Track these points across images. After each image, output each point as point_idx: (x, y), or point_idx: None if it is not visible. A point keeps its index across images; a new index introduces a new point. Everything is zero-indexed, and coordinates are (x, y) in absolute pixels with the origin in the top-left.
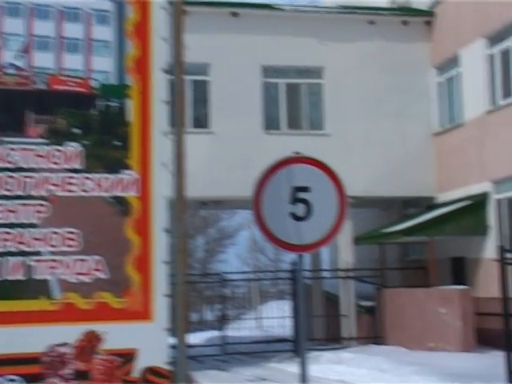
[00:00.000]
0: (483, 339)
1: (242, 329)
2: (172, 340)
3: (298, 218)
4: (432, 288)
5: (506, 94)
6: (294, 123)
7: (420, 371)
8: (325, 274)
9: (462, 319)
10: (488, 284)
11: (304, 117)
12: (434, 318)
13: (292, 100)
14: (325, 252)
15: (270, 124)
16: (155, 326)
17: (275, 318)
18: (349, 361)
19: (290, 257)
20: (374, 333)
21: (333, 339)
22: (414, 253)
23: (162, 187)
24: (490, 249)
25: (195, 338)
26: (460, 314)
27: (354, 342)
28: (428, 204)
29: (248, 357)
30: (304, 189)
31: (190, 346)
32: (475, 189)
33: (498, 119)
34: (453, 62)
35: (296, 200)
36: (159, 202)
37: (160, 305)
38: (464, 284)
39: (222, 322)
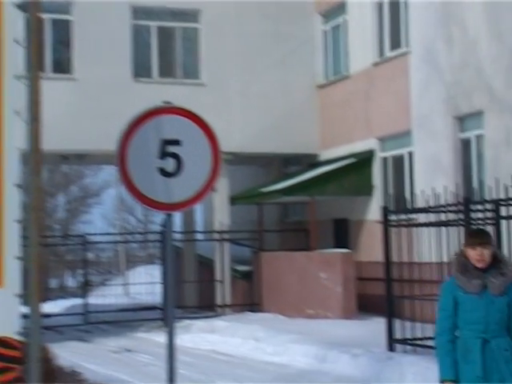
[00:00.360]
0: (365, 305)
1: (108, 296)
2: (24, 308)
3: (167, 174)
4: (312, 251)
5: (395, 45)
6: (166, 71)
7: (298, 340)
8: (198, 236)
9: (343, 284)
10: (371, 247)
11: (178, 64)
12: (314, 284)
13: (165, 45)
14: (198, 212)
15: (140, 71)
16: (5, 293)
17: (144, 284)
18: (222, 330)
19: (160, 217)
20: (250, 299)
21: (206, 307)
22: (294, 214)
23: (14, 137)
24: (373, 210)
25: (55, 307)
26: (341, 279)
27: (229, 309)
28: (310, 162)
29: (113, 326)
30: (174, 142)
31: (48, 315)
32: (360, 146)
33: (386, 72)
34: (339, 8)
35: (165, 154)
36: (11, 154)
37: (11, 268)
38: (346, 247)
39: (84, 288)
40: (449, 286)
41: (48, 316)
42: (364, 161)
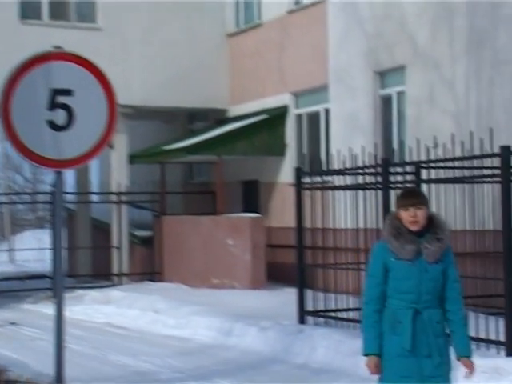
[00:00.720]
0: (275, 275)
1: None
2: None
3: (57, 128)
4: (219, 216)
5: None
6: (58, 13)
7: (201, 311)
8: (93, 197)
9: (252, 252)
10: (283, 212)
11: (71, 5)
12: (220, 251)
13: None
14: (93, 171)
15: (28, 12)
16: None
17: (32, 250)
18: (119, 301)
19: (50, 176)
20: (149, 268)
21: (101, 275)
22: (199, 175)
23: None
24: (286, 171)
25: None
26: (250, 245)
27: (126, 278)
28: (218, 118)
29: None
30: (65, 92)
31: None
32: (272, 101)
33: (301, 20)
34: None
35: (55, 105)
36: None
37: None
38: (256, 211)
39: None
40: (379, 251)
41: None
42: (276, 118)
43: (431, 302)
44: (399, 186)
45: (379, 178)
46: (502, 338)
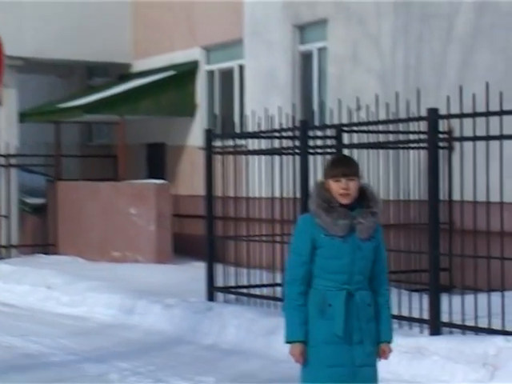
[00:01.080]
0: (183, 247)
1: None
2: None
3: None
4: (121, 182)
5: None
6: None
7: (100, 287)
8: None
9: (157, 222)
10: (191, 178)
11: None
12: (121, 221)
13: None
14: None
15: None
16: None
17: None
18: (7, 275)
19: None
20: (42, 239)
21: None
22: (99, 136)
23: None
24: (196, 134)
25: None
26: (155, 215)
27: (16, 250)
28: (120, 73)
29: None
30: None
31: None
32: (181, 56)
33: None
34: None
35: None
36: None
37: None
38: (162, 178)
39: None
40: (306, 226)
41: None
42: (186, 74)
43: (363, 283)
44: (319, 151)
45: (297, 143)
46: (425, 315)
